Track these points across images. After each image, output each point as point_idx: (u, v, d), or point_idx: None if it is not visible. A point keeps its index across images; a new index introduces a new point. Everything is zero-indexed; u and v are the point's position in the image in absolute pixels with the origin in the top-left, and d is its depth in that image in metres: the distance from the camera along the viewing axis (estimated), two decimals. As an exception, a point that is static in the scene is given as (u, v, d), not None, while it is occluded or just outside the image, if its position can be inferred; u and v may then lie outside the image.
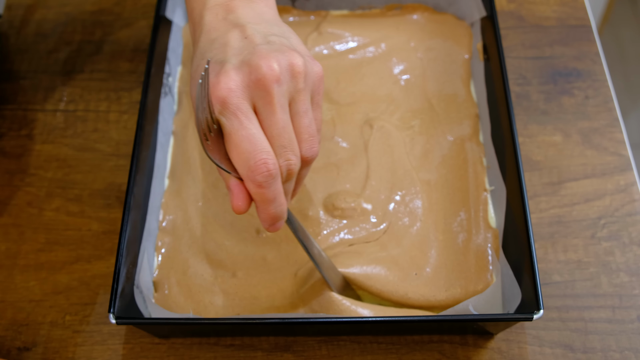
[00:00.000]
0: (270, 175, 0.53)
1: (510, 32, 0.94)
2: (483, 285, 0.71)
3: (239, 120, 0.53)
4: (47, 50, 0.94)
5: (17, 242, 0.79)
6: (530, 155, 0.84)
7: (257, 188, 0.54)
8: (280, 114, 0.55)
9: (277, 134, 0.55)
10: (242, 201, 0.55)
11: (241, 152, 0.53)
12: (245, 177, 0.54)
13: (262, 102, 0.54)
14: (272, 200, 0.55)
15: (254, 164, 0.53)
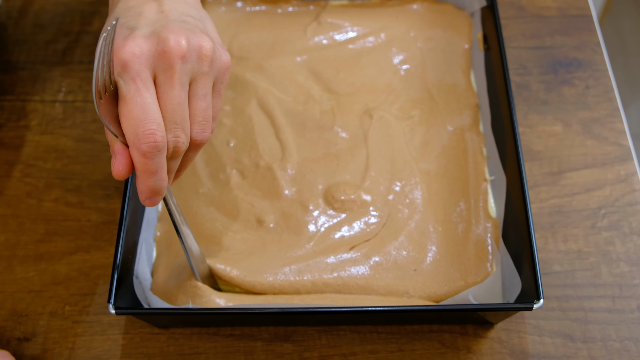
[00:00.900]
0: (156, 146, 0.53)
1: (510, 22, 0.94)
2: (483, 276, 0.71)
3: (136, 86, 0.53)
4: (45, 41, 0.94)
5: (16, 232, 0.79)
6: (530, 145, 0.84)
7: (140, 157, 0.53)
8: (178, 90, 0.55)
9: (172, 109, 0.54)
10: (124, 166, 0.54)
11: (132, 117, 0.52)
12: (131, 143, 0.53)
13: (163, 75, 0.54)
14: (154, 172, 0.55)
15: (142, 132, 0.52)
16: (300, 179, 0.77)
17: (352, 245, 0.73)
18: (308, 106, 0.82)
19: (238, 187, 0.77)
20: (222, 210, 0.76)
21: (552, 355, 0.71)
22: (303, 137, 0.80)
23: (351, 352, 0.71)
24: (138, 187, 0.56)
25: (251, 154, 0.79)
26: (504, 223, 0.73)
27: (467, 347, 0.72)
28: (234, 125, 0.81)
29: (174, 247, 0.74)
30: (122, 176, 0.55)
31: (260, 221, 0.75)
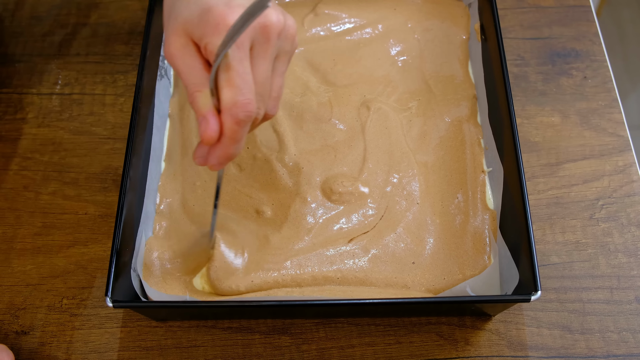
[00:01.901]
0: (251, 115, 0.54)
1: (508, 13, 0.94)
2: (481, 268, 0.71)
3: (240, 55, 0.54)
4: (42, 33, 0.94)
5: (13, 226, 0.79)
6: (528, 136, 0.84)
7: (234, 124, 0.54)
8: (268, 64, 0.56)
9: (261, 82, 0.56)
10: (215, 132, 0.55)
11: (233, 85, 0.54)
12: (228, 109, 0.54)
13: (259, 48, 0.56)
14: (239, 140, 0.56)
15: (241, 100, 0.54)
16: (298, 171, 0.77)
17: (350, 238, 0.73)
18: (305, 98, 0.82)
19: (236, 179, 0.77)
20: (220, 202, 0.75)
21: (550, 346, 0.71)
22: (300, 129, 0.80)
23: (349, 345, 0.71)
24: (215, 153, 0.57)
25: (248, 146, 0.78)
26: (501, 215, 0.73)
27: (465, 339, 0.72)
28: (231, 117, 0.81)
29: (172, 240, 0.74)
30: (212, 140, 0.56)
31: (259, 212, 0.75)
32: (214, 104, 0.55)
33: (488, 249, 0.72)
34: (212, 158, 0.58)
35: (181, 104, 0.82)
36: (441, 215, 0.75)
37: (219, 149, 0.57)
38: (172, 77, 0.85)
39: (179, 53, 0.57)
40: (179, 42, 0.57)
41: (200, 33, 0.55)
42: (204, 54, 0.57)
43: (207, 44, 0.55)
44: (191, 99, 0.57)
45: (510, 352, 0.71)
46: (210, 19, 0.54)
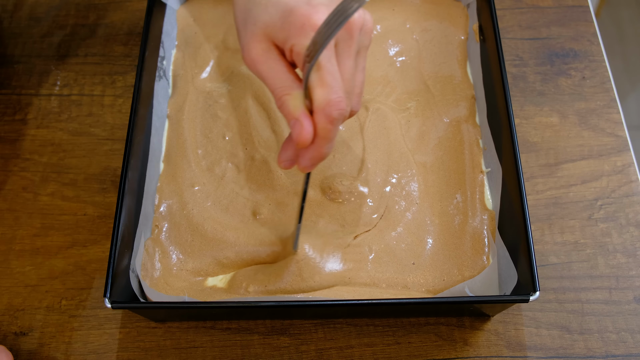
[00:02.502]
0: (343, 113, 0.54)
1: (506, 13, 0.94)
2: (479, 268, 0.71)
3: (328, 53, 0.54)
4: (40, 34, 0.94)
5: (12, 227, 0.79)
6: (526, 136, 0.84)
7: (327, 123, 0.54)
8: (353, 61, 0.56)
9: (347, 79, 0.56)
10: (311, 134, 0.55)
11: (325, 84, 0.53)
12: (321, 109, 0.54)
13: (343, 45, 0.55)
14: (332, 138, 0.56)
15: (334, 99, 0.53)
16: (296, 171, 0.77)
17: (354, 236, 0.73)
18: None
19: (234, 180, 0.77)
20: (218, 205, 0.75)
21: (549, 347, 0.71)
22: (299, 129, 0.80)
23: (348, 345, 0.71)
24: (307, 155, 0.57)
25: (247, 147, 0.78)
26: (500, 215, 0.73)
27: (463, 340, 0.72)
28: (230, 118, 0.81)
29: (171, 241, 0.74)
30: (308, 143, 0.55)
31: (255, 214, 0.75)
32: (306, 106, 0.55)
33: (487, 249, 0.72)
34: (304, 160, 0.57)
35: (179, 105, 0.82)
36: (440, 215, 0.75)
37: (312, 150, 0.56)
38: (171, 78, 0.85)
39: (262, 58, 0.57)
40: (260, 47, 0.57)
41: (285, 36, 0.55)
42: (289, 57, 0.56)
43: (294, 45, 0.55)
44: (280, 103, 0.57)
45: (509, 352, 0.71)
46: (294, 21, 0.54)
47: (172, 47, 0.87)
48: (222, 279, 0.72)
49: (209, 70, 0.85)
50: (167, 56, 0.84)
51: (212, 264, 0.72)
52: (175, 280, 0.71)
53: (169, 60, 0.85)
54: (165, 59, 0.84)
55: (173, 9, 0.88)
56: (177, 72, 0.85)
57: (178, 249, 0.73)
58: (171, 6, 0.87)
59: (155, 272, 0.72)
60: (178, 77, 0.84)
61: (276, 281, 0.69)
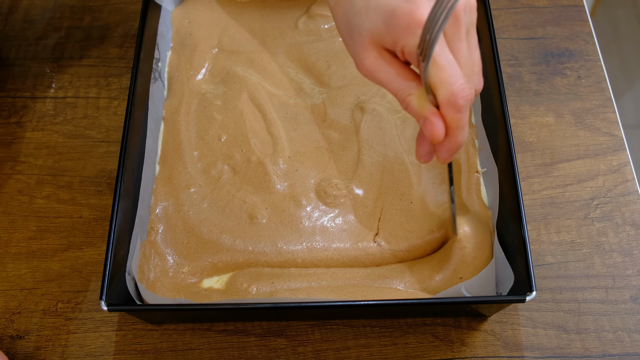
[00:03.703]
0: (470, 100, 0.54)
1: (502, 13, 0.94)
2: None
3: (440, 46, 0.53)
4: (35, 37, 0.94)
5: (8, 230, 0.79)
6: (522, 136, 0.84)
7: (456, 113, 0.54)
8: (465, 43, 0.56)
9: (464, 62, 0.55)
10: (442, 129, 0.55)
11: (445, 76, 0.53)
12: (447, 102, 0.54)
13: (451, 30, 0.55)
14: (464, 125, 0.56)
15: (457, 89, 0.53)
16: (292, 173, 0.77)
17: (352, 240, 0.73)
18: (299, 100, 0.82)
19: (230, 182, 0.77)
20: (214, 207, 0.75)
21: (546, 346, 0.71)
22: (295, 131, 0.80)
23: (344, 346, 0.71)
24: (444, 147, 0.57)
25: (243, 149, 0.78)
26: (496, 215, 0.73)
27: (460, 340, 0.72)
28: (225, 120, 0.80)
29: (167, 243, 0.73)
30: (442, 138, 0.55)
31: (252, 217, 0.74)
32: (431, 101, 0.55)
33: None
34: (442, 152, 0.58)
35: (175, 106, 0.82)
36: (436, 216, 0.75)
37: (447, 142, 0.57)
38: (166, 80, 0.84)
39: (376, 66, 0.57)
40: (372, 55, 0.57)
41: (393, 39, 0.55)
42: (402, 57, 0.56)
43: (404, 46, 0.55)
44: (405, 105, 0.57)
45: (506, 352, 0.71)
46: (398, 22, 0.54)
47: (167, 49, 0.86)
48: (218, 281, 0.71)
49: (204, 72, 0.85)
50: (162, 58, 0.84)
51: (208, 265, 0.72)
52: (172, 282, 0.71)
53: (164, 62, 0.85)
54: (161, 60, 0.84)
55: (168, 10, 0.88)
56: (173, 73, 0.85)
57: (174, 251, 0.73)
58: (166, 8, 0.87)
59: (151, 274, 0.72)
60: (173, 79, 0.84)
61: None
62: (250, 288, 0.70)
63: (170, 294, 0.70)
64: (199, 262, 0.72)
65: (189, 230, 0.74)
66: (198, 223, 0.74)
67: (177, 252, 0.73)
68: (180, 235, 0.74)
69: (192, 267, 0.72)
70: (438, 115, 0.55)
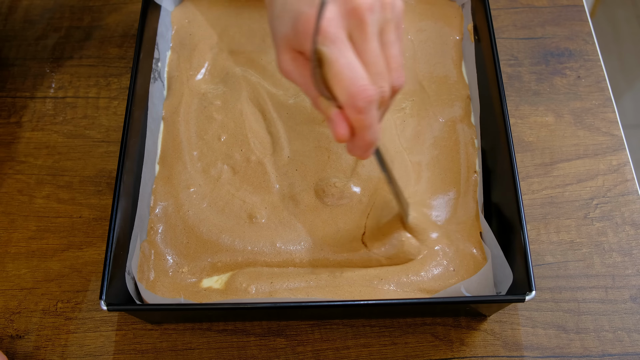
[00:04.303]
0: (371, 100, 0.54)
1: (501, 13, 0.94)
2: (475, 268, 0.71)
3: (338, 48, 0.54)
4: (35, 37, 0.94)
5: (7, 230, 0.79)
6: (522, 136, 0.84)
7: (357, 114, 0.55)
8: (373, 42, 0.56)
9: (372, 62, 0.56)
10: (345, 129, 0.56)
11: (343, 79, 0.54)
12: (347, 103, 0.54)
13: (357, 31, 0.55)
14: (370, 126, 0.56)
15: (355, 90, 0.53)
16: (292, 172, 0.77)
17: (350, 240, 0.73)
18: (299, 99, 0.82)
19: (229, 182, 0.77)
20: (214, 207, 0.75)
21: (546, 346, 0.71)
22: (294, 130, 0.80)
23: (344, 346, 0.71)
24: (355, 145, 0.58)
25: (242, 149, 0.78)
26: (495, 215, 0.73)
27: (460, 340, 0.72)
28: (225, 119, 0.81)
29: (166, 242, 0.74)
30: (345, 139, 0.56)
31: (251, 217, 0.74)
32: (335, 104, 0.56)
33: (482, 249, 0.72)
34: (355, 150, 0.59)
35: (174, 106, 0.82)
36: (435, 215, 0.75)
37: (357, 141, 0.57)
38: (166, 79, 0.85)
39: (291, 68, 0.58)
40: (287, 58, 0.58)
41: (299, 43, 0.56)
42: None
43: (305, 51, 0.56)
44: (315, 106, 0.58)
45: (506, 352, 0.71)
46: (300, 27, 0.55)
47: (167, 49, 0.87)
48: (217, 280, 0.71)
49: (204, 71, 0.85)
50: (162, 58, 0.84)
51: (208, 265, 0.72)
52: (171, 282, 0.71)
53: (163, 62, 0.85)
54: (160, 60, 0.84)
55: (168, 10, 0.88)
56: (172, 73, 0.85)
57: (174, 251, 0.73)
58: (166, 8, 0.87)
59: (151, 274, 0.72)
60: (173, 78, 0.84)
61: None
62: (249, 288, 0.70)
63: (170, 293, 0.71)
64: (199, 262, 0.72)
65: (189, 230, 0.74)
66: (197, 223, 0.74)
67: (176, 252, 0.73)
68: (179, 235, 0.74)
69: (192, 267, 0.72)
70: (341, 116, 0.56)
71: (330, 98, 0.55)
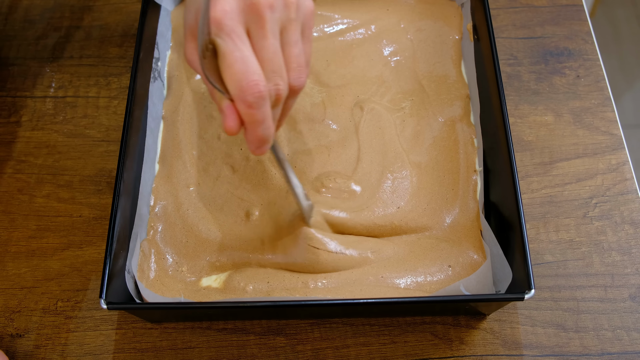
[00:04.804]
0: (261, 96, 0.55)
1: (501, 12, 0.94)
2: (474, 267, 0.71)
3: (233, 42, 0.54)
4: (35, 37, 0.94)
5: (8, 229, 0.79)
6: (521, 135, 0.84)
7: (247, 108, 0.55)
8: (271, 40, 0.56)
9: (268, 59, 0.56)
10: (234, 122, 0.56)
11: (234, 72, 0.54)
12: (237, 97, 0.55)
13: (255, 27, 0.56)
14: (261, 121, 0.56)
15: (246, 85, 0.54)
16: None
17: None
18: (298, 99, 0.82)
19: (229, 181, 0.77)
20: (213, 206, 0.75)
21: (545, 345, 0.71)
22: (294, 129, 0.80)
23: (344, 345, 0.71)
24: (247, 138, 0.58)
25: (242, 147, 0.78)
26: (495, 214, 0.73)
27: (459, 338, 0.72)
28: (225, 119, 0.81)
29: (166, 241, 0.74)
30: (234, 131, 0.57)
31: (248, 215, 0.75)
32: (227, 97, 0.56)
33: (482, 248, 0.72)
34: (248, 145, 0.59)
35: (174, 106, 0.82)
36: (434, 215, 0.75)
37: (249, 135, 0.58)
38: (166, 79, 0.85)
39: (193, 57, 0.59)
40: (191, 47, 0.59)
41: None
42: None
43: None
44: (212, 97, 0.59)
45: (505, 350, 0.71)
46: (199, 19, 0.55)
47: (167, 49, 0.87)
48: (216, 279, 0.72)
49: (203, 71, 0.85)
50: (161, 57, 0.84)
51: (207, 264, 0.72)
52: (171, 281, 0.71)
53: (163, 62, 0.85)
54: (160, 60, 0.84)
55: (167, 10, 0.88)
56: (172, 73, 0.85)
57: (173, 250, 0.73)
58: (166, 7, 0.87)
59: (151, 273, 0.72)
60: (173, 78, 0.84)
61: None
62: (247, 287, 0.70)
63: (170, 292, 0.71)
64: (198, 261, 0.72)
65: (188, 229, 0.74)
66: (197, 222, 0.74)
67: (176, 251, 0.73)
68: (179, 234, 0.74)
69: (191, 266, 0.72)
70: (232, 109, 0.56)
71: (222, 90, 0.56)
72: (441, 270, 0.71)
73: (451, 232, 0.74)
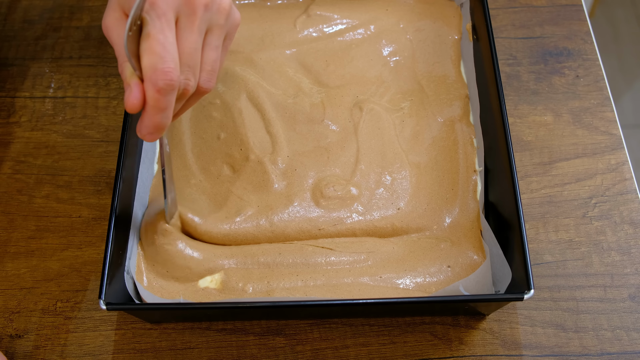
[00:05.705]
0: (172, 84, 0.55)
1: (500, 12, 0.94)
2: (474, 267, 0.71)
3: (161, 24, 0.55)
4: (34, 37, 0.94)
5: (7, 229, 0.79)
6: (521, 135, 0.84)
7: (155, 92, 0.55)
8: (196, 36, 0.57)
9: (188, 53, 0.57)
10: (138, 100, 0.56)
11: (153, 53, 0.54)
12: (148, 78, 0.55)
13: (185, 19, 0.56)
14: (163, 109, 0.56)
15: (160, 68, 0.54)
16: (291, 172, 0.77)
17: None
18: (298, 99, 0.82)
19: (229, 180, 0.77)
20: (213, 200, 0.75)
21: (544, 345, 0.71)
22: (293, 130, 0.80)
23: (343, 345, 0.71)
24: (143, 122, 0.58)
25: (241, 148, 0.78)
26: (494, 214, 0.73)
27: (459, 339, 0.72)
28: (224, 119, 0.81)
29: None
30: (135, 109, 0.56)
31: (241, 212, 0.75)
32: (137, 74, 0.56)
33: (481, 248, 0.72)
34: (142, 128, 0.58)
35: (174, 106, 0.82)
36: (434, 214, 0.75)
37: (146, 119, 0.57)
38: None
39: (113, 26, 0.59)
40: (113, 15, 0.59)
41: (128, 5, 0.57)
42: None
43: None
44: (120, 69, 0.58)
45: (505, 351, 0.71)
46: None
47: (166, 49, 0.86)
48: (211, 281, 0.71)
49: (203, 71, 0.85)
50: (161, 58, 0.84)
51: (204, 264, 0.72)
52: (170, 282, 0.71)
53: (163, 62, 0.85)
54: (159, 60, 0.84)
55: (167, 10, 0.88)
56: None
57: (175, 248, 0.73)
58: (165, 8, 0.87)
59: (149, 273, 0.72)
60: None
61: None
62: (246, 287, 0.70)
63: (169, 293, 0.71)
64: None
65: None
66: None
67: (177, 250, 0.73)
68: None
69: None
70: (139, 86, 0.56)
71: (135, 67, 0.55)
72: (441, 271, 0.71)
73: (451, 232, 0.74)
